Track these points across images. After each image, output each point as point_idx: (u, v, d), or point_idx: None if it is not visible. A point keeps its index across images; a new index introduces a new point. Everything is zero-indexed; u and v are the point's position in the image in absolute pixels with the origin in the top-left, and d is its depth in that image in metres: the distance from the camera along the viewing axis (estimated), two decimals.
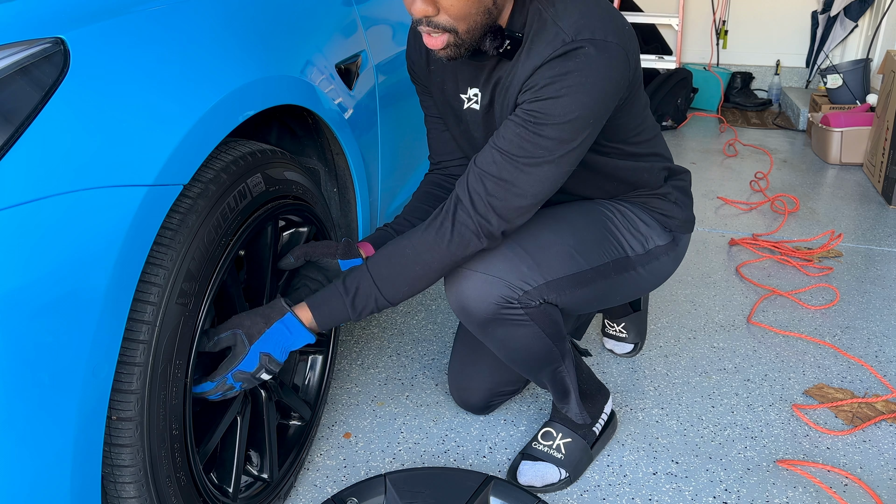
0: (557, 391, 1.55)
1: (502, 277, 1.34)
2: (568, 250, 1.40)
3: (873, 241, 2.81)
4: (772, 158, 3.83)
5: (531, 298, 1.36)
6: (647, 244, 1.53)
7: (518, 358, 1.46)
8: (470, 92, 1.39)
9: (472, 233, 1.27)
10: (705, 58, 5.21)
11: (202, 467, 1.19)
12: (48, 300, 0.86)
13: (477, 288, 1.34)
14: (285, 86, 1.28)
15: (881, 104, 3.41)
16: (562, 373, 1.51)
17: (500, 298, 1.34)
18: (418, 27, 1.21)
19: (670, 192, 1.57)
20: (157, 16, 1.07)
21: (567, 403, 1.56)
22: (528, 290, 1.35)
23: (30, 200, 0.84)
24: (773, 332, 2.14)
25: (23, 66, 0.88)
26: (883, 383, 1.89)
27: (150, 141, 0.98)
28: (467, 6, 1.16)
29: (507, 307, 1.35)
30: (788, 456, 1.64)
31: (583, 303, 1.46)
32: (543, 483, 1.53)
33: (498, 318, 1.37)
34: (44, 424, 0.89)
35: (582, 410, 1.58)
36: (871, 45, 4.42)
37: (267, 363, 1.24)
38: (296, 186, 1.34)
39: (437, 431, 1.71)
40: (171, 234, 1.05)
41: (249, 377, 1.23)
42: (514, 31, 1.26)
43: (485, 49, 1.25)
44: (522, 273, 1.35)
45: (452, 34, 1.20)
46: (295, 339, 1.27)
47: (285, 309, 1.26)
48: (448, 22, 1.18)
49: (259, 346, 1.23)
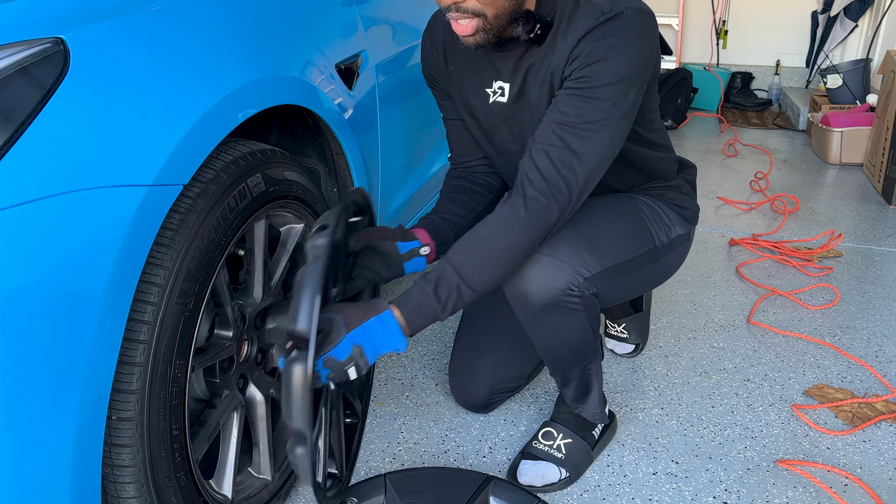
0: (580, 388, 1.55)
1: (568, 263, 1.34)
2: (618, 239, 1.43)
3: (873, 241, 2.81)
4: (772, 158, 3.83)
5: (587, 287, 1.37)
6: (669, 234, 1.56)
7: (559, 350, 1.46)
8: (495, 85, 1.40)
9: (544, 206, 1.25)
10: (705, 58, 5.22)
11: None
12: (48, 300, 0.86)
13: (544, 272, 1.34)
14: (285, 86, 1.28)
15: (881, 104, 3.41)
16: (591, 370, 1.52)
17: (565, 284, 1.34)
18: (446, 14, 1.23)
19: (682, 184, 1.63)
20: (157, 16, 1.07)
21: (584, 403, 1.56)
22: (587, 278, 1.36)
23: (30, 200, 0.84)
24: (773, 332, 2.14)
25: (23, 66, 0.88)
26: (883, 383, 1.89)
27: (150, 141, 0.98)
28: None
29: (568, 294, 1.36)
30: (788, 456, 1.64)
31: (619, 293, 1.49)
32: (544, 482, 1.53)
33: (556, 305, 1.37)
34: (44, 424, 0.89)
35: (602, 409, 1.58)
36: (871, 45, 4.42)
37: (358, 356, 1.18)
38: (296, 186, 1.34)
39: (437, 431, 1.71)
40: (171, 234, 1.05)
41: (340, 368, 1.17)
42: (543, 16, 1.28)
43: (516, 34, 1.27)
44: (584, 259, 1.36)
45: (481, 19, 1.22)
46: (388, 338, 1.21)
47: (384, 306, 1.23)
48: (477, 7, 1.20)
49: (354, 337, 1.18)
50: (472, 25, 1.22)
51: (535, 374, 1.74)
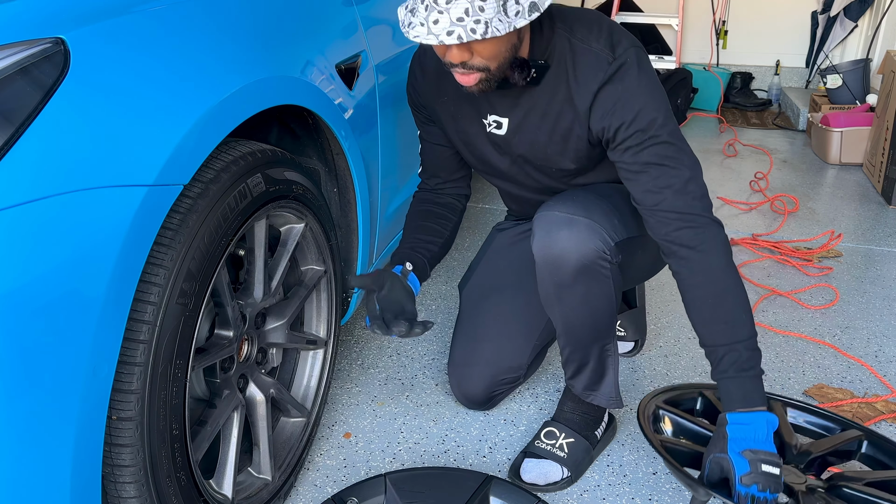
0: (596, 372, 1.56)
1: (602, 225, 1.39)
2: (633, 213, 1.47)
3: (873, 241, 2.81)
4: (771, 158, 3.83)
5: (616, 254, 1.41)
6: None
7: (583, 323, 1.48)
8: (490, 118, 1.47)
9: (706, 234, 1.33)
10: (705, 58, 5.21)
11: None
12: (48, 300, 0.86)
13: (581, 233, 1.38)
14: (285, 86, 1.28)
15: (881, 104, 3.42)
16: (608, 351, 1.54)
17: (600, 245, 1.38)
18: (450, 69, 1.28)
19: None
20: (157, 16, 1.07)
21: (597, 389, 1.57)
22: (617, 242, 1.41)
23: (30, 200, 0.84)
24: (773, 332, 2.14)
25: (23, 66, 0.88)
26: (883, 383, 1.89)
27: (151, 141, 0.98)
28: (498, 46, 1.25)
29: (602, 258, 1.39)
30: None
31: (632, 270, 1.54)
32: (546, 481, 1.53)
33: (590, 269, 1.40)
34: (44, 424, 0.89)
35: (618, 394, 1.59)
36: (871, 45, 4.42)
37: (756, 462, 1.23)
38: (296, 186, 1.34)
39: (437, 431, 1.71)
40: (172, 234, 1.05)
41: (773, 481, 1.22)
42: (537, 60, 1.35)
43: (513, 81, 1.33)
44: (615, 225, 1.41)
45: (485, 72, 1.28)
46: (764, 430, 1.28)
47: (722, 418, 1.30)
48: (481, 63, 1.26)
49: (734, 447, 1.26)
50: (475, 77, 1.28)
51: (533, 368, 1.73)
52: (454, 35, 1.17)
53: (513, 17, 1.19)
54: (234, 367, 1.31)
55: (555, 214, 1.40)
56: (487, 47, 1.24)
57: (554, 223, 1.39)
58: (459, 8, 1.16)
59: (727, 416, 1.29)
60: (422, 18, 1.18)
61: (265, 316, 1.41)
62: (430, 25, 1.18)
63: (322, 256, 1.51)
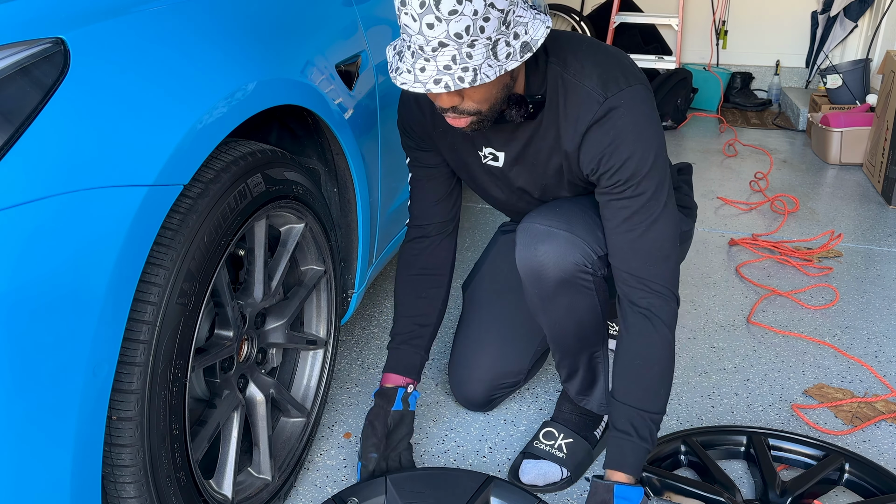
0: (586, 378, 1.56)
1: (584, 239, 1.37)
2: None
3: (873, 241, 2.81)
4: (771, 158, 3.83)
5: (600, 266, 1.40)
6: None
7: (569, 332, 1.47)
8: (486, 150, 1.43)
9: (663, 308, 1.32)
10: (705, 58, 5.22)
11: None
12: (48, 300, 0.86)
13: (560, 247, 1.36)
14: (285, 86, 1.28)
15: (881, 104, 3.42)
16: (598, 358, 1.54)
17: (580, 258, 1.37)
18: (443, 113, 1.23)
19: (681, 185, 1.66)
20: (157, 16, 1.07)
21: (589, 395, 1.58)
22: (601, 256, 1.39)
23: (30, 200, 0.84)
24: (773, 332, 2.14)
25: (23, 66, 0.88)
26: (883, 383, 1.89)
27: (151, 141, 0.98)
28: (489, 90, 1.19)
29: (583, 270, 1.38)
30: None
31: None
32: (546, 482, 1.53)
33: (570, 282, 1.39)
34: (44, 424, 0.89)
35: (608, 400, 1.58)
36: (871, 45, 4.42)
37: None
38: (296, 186, 1.34)
39: (437, 431, 1.71)
40: (172, 234, 1.05)
41: None
42: (533, 95, 1.29)
43: (510, 118, 1.29)
44: (598, 238, 1.38)
45: (476, 115, 1.23)
46: (631, 497, 1.28)
47: (608, 484, 1.29)
48: (473, 107, 1.21)
49: None
50: (468, 120, 1.23)
51: (533, 372, 1.74)
52: (442, 84, 1.11)
53: (503, 59, 1.13)
54: (234, 367, 1.31)
55: (535, 227, 1.39)
56: (478, 91, 1.18)
57: (534, 236, 1.38)
58: (446, 56, 1.10)
59: (616, 488, 1.28)
60: (408, 65, 1.13)
61: (265, 316, 1.41)
62: (417, 73, 1.12)
63: (322, 256, 1.51)
